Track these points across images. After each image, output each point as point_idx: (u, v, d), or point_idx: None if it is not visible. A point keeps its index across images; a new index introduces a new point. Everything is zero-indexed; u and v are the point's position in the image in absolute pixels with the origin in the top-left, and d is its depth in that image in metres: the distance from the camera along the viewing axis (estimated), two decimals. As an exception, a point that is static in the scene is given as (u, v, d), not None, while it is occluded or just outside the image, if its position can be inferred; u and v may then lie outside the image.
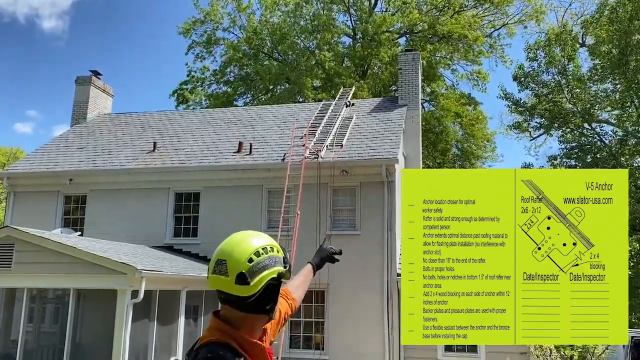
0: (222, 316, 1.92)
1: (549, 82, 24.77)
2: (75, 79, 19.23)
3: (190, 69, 32.00)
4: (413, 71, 17.09)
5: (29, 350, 10.63)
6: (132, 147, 16.61)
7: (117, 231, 14.44)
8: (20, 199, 15.82)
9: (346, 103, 17.14)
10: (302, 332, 13.42)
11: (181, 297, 11.56)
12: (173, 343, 11.31)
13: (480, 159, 30.79)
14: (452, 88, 31.00)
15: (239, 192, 14.43)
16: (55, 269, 10.01)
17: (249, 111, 19.19)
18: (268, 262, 1.88)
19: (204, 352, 1.81)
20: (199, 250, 14.25)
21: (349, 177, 13.76)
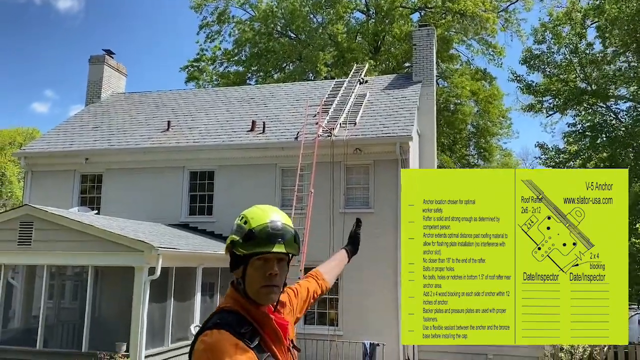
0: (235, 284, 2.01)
1: (560, 63, 24.28)
2: (89, 58, 19.33)
3: (201, 47, 31.88)
4: (427, 47, 16.86)
5: (50, 326, 10.92)
6: (147, 126, 16.72)
7: (133, 210, 14.63)
8: (37, 178, 16.06)
9: (359, 80, 17.00)
10: (316, 308, 13.59)
11: (197, 274, 11.75)
12: (190, 319, 11.54)
13: (496, 136, 30.43)
14: (467, 63, 30.52)
15: (253, 170, 14.50)
16: (73, 247, 10.21)
17: (261, 90, 19.14)
18: (234, 227, 2.00)
19: (215, 318, 1.90)
20: (214, 228, 14.41)
21: (363, 155, 13.74)
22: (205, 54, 31.62)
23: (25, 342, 10.44)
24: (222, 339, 1.80)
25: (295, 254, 2.01)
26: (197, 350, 1.82)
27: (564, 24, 24.05)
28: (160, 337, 10.68)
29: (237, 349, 1.78)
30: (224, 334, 1.81)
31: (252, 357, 1.79)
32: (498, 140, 31.19)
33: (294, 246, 1.98)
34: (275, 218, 1.98)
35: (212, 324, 1.87)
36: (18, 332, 11.29)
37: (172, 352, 10.82)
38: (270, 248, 1.91)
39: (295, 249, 1.99)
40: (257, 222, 1.94)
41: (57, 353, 10.10)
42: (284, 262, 1.99)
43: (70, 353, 9.95)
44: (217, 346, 1.78)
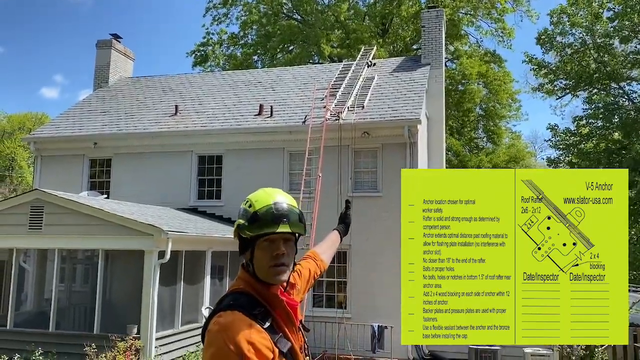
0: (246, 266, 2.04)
1: (574, 43, 23.93)
2: (96, 42, 19.30)
3: (207, 30, 31.72)
4: (436, 29, 16.69)
5: (62, 308, 11.08)
6: (155, 110, 16.75)
7: (142, 194, 14.74)
8: (47, 163, 16.18)
9: (367, 63, 16.88)
10: (324, 291, 13.70)
11: (206, 257, 11.85)
12: (199, 302, 11.67)
13: (505, 119, 30.15)
14: (477, 45, 30.16)
15: (261, 154, 14.52)
16: (84, 231, 10.32)
17: (269, 73, 19.07)
18: (240, 212, 2.03)
19: (227, 300, 1.93)
20: (223, 212, 14.49)
21: (371, 139, 13.70)
22: (212, 37, 31.48)
23: (39, 325, 10.61)
24: (237, 319, 1.82)
25: (302, 234, 2.03)
26: (211, 331, 1.83)
27: (581, 6, 23.65)
28: (171, 320, 10.81)
29: (252, 330, 1.80)
30: (237, 314, 1.84)
31: (266, 338, 1.82)
32: (507, 122, 30.94)
33: (299, 226, 2.00)
34: (279, 199, 2.00)
35: (225, 305, 1.90)
36: (31, 314, 11.47)
37: (182, 334, 10.96)
38: (275, 228, 1.94)
39: (301, 228, 2.02)
40: (261, 204, 1.97)
41: (70, 335, 10.26)
42: (291, 242, 2.01)
43: (82, 335, 10.10)
44: (232, 327, 1.79)
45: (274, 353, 1.81)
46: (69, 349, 9.92)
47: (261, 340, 1.79)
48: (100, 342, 9.54)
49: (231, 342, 1.75)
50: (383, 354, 12.29)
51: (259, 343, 1.78)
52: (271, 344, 1.82)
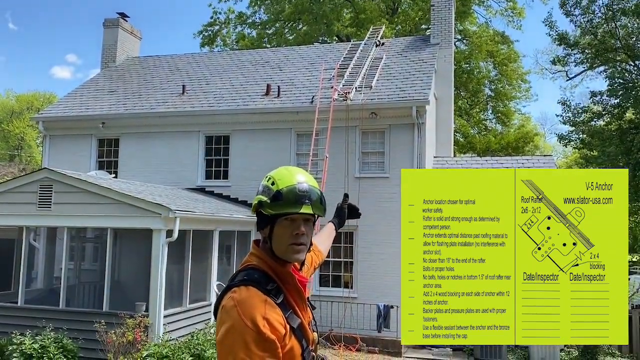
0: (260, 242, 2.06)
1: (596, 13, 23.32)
2: (102, 22, 19.20)
3: (215, 10, 31.44)
4: (446, 8, 16.47)
5: (72, 286, 11.25)
6: (162, 90, 16.72)
7: (150, 173, 14.81)
8: (55, 142, 16.26)
9: (376, 43, 16.72)
10: (331, 271, 13.80)
11: (214, 236, 11.94)
12: (207, 280, 11.80)
13: (514, 100, 29.81)
14: (486, 25, 29.71)
15: (268, 135, 14.51)
16: (92, 210, 10.39)
17: (276, 53, 18.94)
18: (261, 188, 2.03)
19: (241, 275, 1.94)
20: (230, 192, 14.56)
21: (379, 120, 13.65)
22: (219, 17, 31.22)
23: (49, 302, 10.77)
24: (252, 295, 1.83)
25: (321, 215, 2.05)
26: (225, 307, 1.84)
27: None
28: (179, 298, 10.94)
29: (267, 305, 1.82)
30: (252, 290, 1.85)
31: (279, 314, 1.84)
32: (516, 103, 30.60)
33: (320, 207, 2.02)
34: (302, 179, 2.01)
35: (238, 280, 1.91)
36: (41, 292, 11.65)
37: (190, 312, 11.10)
38: (297, 209, 1.94)
39: (322, 210, 2.03)
40: (284, 183, 1.97)
41: (80, 312, 10.42)
42: (310, 223, 2.03)
43: (91, 312, 10.26)
44: (247, 302, 1.81)
45: (285, 329, 1.84)
46: (79, 325, 10.09)
47: (275, 316, 1.82)
48: (110, 320, 9.70)
49: (247, 317, 1.77)
50: (389, 333, 12.42)
51: (273, 319, 1.80)
52: (283, 320, 1.85)
